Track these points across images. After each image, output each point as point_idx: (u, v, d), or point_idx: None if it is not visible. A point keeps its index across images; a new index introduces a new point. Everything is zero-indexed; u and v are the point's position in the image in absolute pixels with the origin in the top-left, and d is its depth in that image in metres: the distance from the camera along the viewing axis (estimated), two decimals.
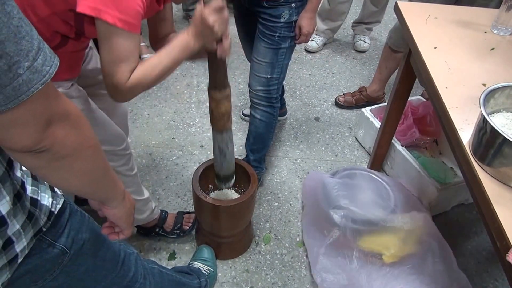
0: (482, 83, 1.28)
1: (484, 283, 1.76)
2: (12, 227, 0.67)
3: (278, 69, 1.75)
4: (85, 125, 0.67)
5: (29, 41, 0.51)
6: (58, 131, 0.60)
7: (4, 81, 0.50)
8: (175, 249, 1.80)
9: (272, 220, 1.96)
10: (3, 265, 0.68)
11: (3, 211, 0.65)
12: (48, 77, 0.54)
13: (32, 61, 0.52)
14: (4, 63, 0.49)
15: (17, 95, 0.51)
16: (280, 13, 1.61)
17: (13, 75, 0.50)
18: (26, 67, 0.51)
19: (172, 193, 2.04)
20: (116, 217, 0.87)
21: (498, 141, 0.95)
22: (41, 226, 0.74)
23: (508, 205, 0.95)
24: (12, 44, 0.49)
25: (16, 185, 0.68)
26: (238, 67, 2.89)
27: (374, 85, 2.53)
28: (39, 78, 0.53)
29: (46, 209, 0.75)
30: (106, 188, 0.79)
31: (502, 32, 1.54)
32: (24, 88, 0.52)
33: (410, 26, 1.54)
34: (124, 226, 0.90)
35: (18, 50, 0.50)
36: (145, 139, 2.31)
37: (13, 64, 0.50)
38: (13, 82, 0.50)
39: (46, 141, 0.59)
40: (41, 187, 0.76)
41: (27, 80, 0.52)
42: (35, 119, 0.56)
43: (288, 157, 2.28)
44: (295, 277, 1.73)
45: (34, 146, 0.58)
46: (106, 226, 0.93)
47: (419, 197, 1.95)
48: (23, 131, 0.56)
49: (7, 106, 0.51)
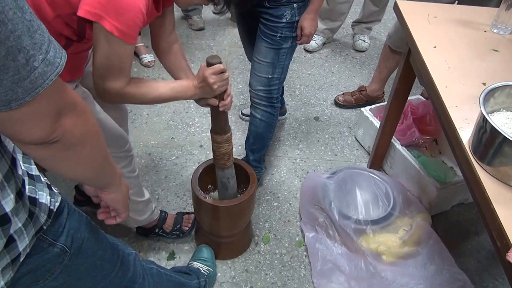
0: (482, 82, 1.28)
1: (484, 283, 1.76)
2: (15, 225, 0.67)
3: (279, 69, 1.75)
4: (89, 113, 0.69)
5: (41, 35, 0.53)
6: (67, 121, 0.62)
7: (23, 74, 0.51)
8: (174, 249, 1.79)
9: (271, 220, 1.95)
10: (7, 265, 0.68)
11: (7, 209, 0.65)
12: (60, 69, 0.56)
13: (45, 53, 0.53)
14: (22, 57, 0.50)
15: (34, 87, 0.53)
16: (281, 13, 1.61)
17: (30, 68, 0.52)
18: (40, 60, 0.53)
19: (172, 193, 2.03)
20: (115, 201, 0.90)
21: (498, 140, 0.95)
22: (41, 224, 0.74)
23: (508, 204, 0.95)
24: (27, 38, 0.50)
25: (18, 183, 0.68)
26: (237, 67, 2.89)
27: (374, 84, 2.53)
28: (53, 70, 0.55)
29: (45, 208, 0.75)
30: (107, 174, 0.82)
31: (502, 31, 1.54)
32: (40, 80, 0.53)
33: (410, 25, 1.53)
34: (122, 209, 0.94)
35: (33, 44, 0.51)
36: (144, 139, 2.31)
37: (30, 58, 0.51)
38: (31, 75, 0.52)
39: (57, 131, 0.60)
40: (38, 186, 0.76)
41: (42, 72, 0.53)
42: (49, 111, 0.58)
43: (288, 156, 2.28)
44: (294, 277, 1.73)
45: (47, 137, 0.59)
46: (102, 212, 0.96)
47: (419, 196, 1.95)
48: (37, 124, 0.57)
49: (25, 99, 0.53)
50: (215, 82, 1.23)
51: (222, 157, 1.49)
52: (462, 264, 1.71)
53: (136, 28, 1.02)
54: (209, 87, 1.23)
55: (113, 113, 1.49)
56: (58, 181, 1.99)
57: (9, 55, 0.49)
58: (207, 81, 1.22)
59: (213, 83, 1.23)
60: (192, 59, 2.91)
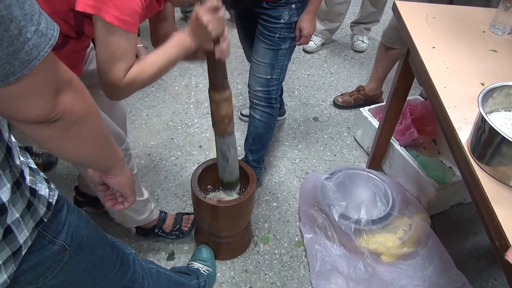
0: (480, 83, 1.28)
1: (483, 282, 1.76)
2: (12, 216, 0.67)
3: (277, 70, 1.75)
4: (86, 91, 0.69)
5: (31, 5, 0.52)
6: (66, 98, 0.62)
7: (17, 46, 0.50)
8: (174, 250, 1.80)
9: (271, 220, 1.96)
10: (8, 257, 0.68)
11: (4, 199, 0.65)
12: (54, 40, 0.55)
13: (37, 24, 0.53)
14: (14, 27, 0.49)
15: (30, 59, 0.52)
16: (280, 14, 1.61)
17: (24, 39, 0.51)
18: (33, 31, 0.52)
19: (171, 194, 2.03)
20: (121, 185, 0.90)
21: (496, 140, 0.95)
22: (41, 217, 0.74)
23: (506, 204, 0.95)
24: (18, 8, 0.50)
25: (16, 173, 0.68)
26: (236, 68, 2.89)
27: (372, 84, 2.54)
28: (46, 41, 0.54)
29: (44, 200, 0.75)
30: (110, 155, 0.83)
31: (500, 31, 1.55)
32: (35, 52, 0.53)
33: (409, 25, 1.54)
34: (129, 193, 0.94)
35: (23, 15, 0.50)
36: (143, 140, 2.31)
37: (22, 28, 0.50)
38: (25, 46, 0.51)
39: (58, 108, 0.60)
40: (37, 178, 0.76)
41: (36, 44, 0.53)
42: (47, 86, 0.58)
43: (287, 157, 2.28)
44: (294, 277, 1.73)
45: (48, 114, 0.59)
46: (108, 199, 0.96)
47: (417, 196, 1.95)
48: (37, 100, 0.57)
49: (23, 72, 0.52)
50: (209, 22, 1.08)
51: (222, 121, 1.37)
52: (460, 264, 1.71)
53: (136, 15, 0.99)
54: (203, 29, 1.09)
55: (111, 112, 1.49)
56: (58, 182, 1.99)
57: (1, 25, 0.48)
58: (200, 22, 1.08)
59: (207, 22, 1.08)
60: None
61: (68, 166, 2.09)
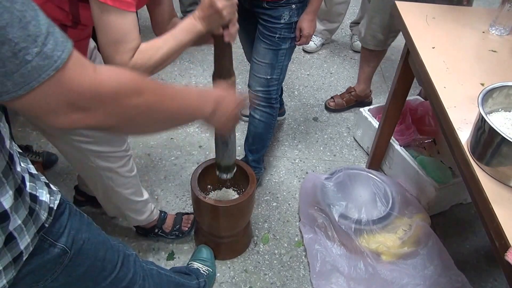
0: (480, 83, 1.28)
1: (483, 283, 1.76)
2: (14, 223, 0.67)
3: (278, 70, 1.75)
4: (134, 97, 0.64)
5: (36, 26, 0.50)
6: (93, 114, 0.59)
7: (10, 68, 0.49)
8: (173, 249, 1.80)
9: (270, 220, 1.96)
10: (8, 263, 0.68)
11: (6, 206, 0.64)
12: (60, 63, 0.52)
13: (41, 46, 0.50)
14: (7, 49, 0.47)
15: (26, 81, 0.50)
16: (280, 14, 1.61)
17: (20, 62, 0.49)
18: (35, 53, 0.50)
19: (171, 194, 2.03)
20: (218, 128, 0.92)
21: (496, 141, 0.95)
22: (43, 222, 0.74)
23: (506, 204, 0.95)
24: (17, 29, 0.48)
25: (17, 180, 0.68)
26: (236, 68, 2.87)
27: (362, 84, 2.54)
28: (50, 64, 0.51)
29: (46, 205, 0.75)
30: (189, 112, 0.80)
31: (500, 32, 1.55)
32: (34, 74, 0.50)
33: (408, 26, 1.54)
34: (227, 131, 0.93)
35: (26, 36, 0.49)
36: (143, 140, 2.31)
37: (19, 51, 0.48)
38: (21, 68, 0.49)
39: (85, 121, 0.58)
40: (37, 183, 0.76)
41: (37, 66, 0.50)
42: (54, 105, 0.55)
43: (287, 157, 2.28)
44: (293, 277, 1.73)
45: (68, 129, 0.58)
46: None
47: (417, 196, 1.95)
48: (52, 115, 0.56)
49: (18, 92, 0.51)
50: (225, 7, 1.06)
51: None
52: (460, 264, 1.71)
53: None
54: (218, 14, 1.06)
55: None
56: (58, 181, 1.99)
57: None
58: (215, 7, 1.05)
59: (223, 8, 1.05)
60: (191, 59, 2.91)
61: (68, 165, 2.08)
